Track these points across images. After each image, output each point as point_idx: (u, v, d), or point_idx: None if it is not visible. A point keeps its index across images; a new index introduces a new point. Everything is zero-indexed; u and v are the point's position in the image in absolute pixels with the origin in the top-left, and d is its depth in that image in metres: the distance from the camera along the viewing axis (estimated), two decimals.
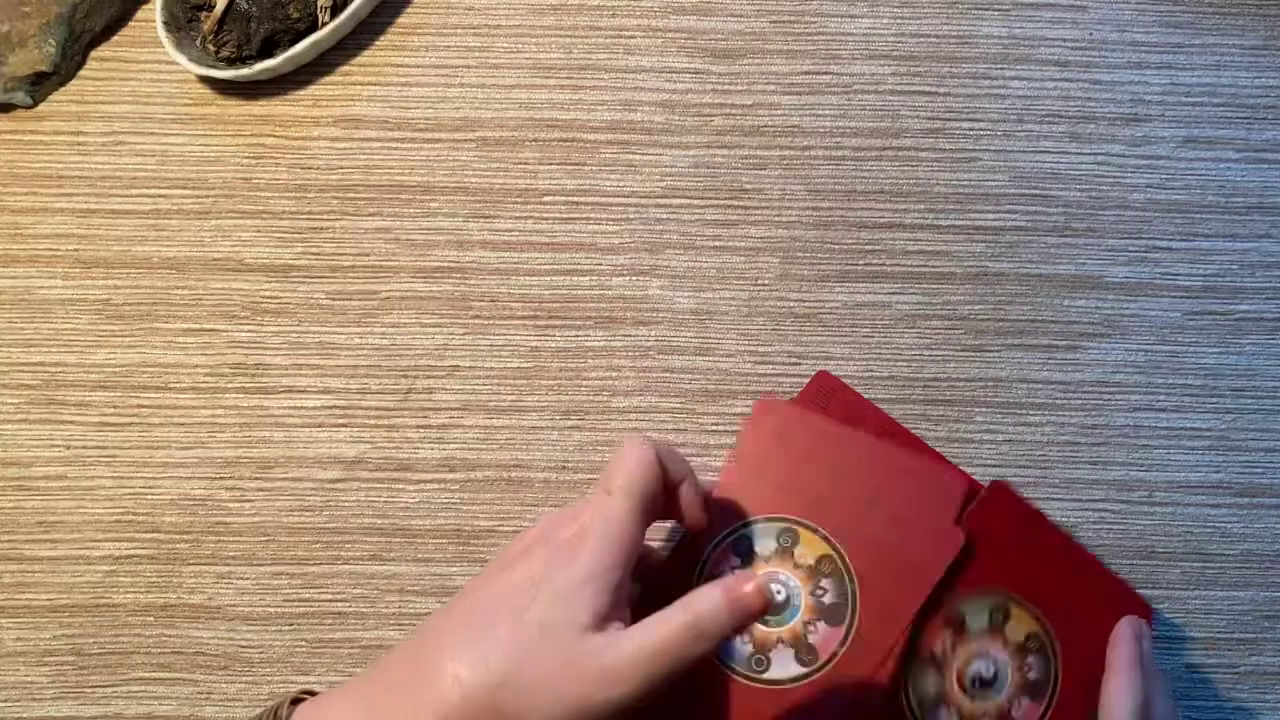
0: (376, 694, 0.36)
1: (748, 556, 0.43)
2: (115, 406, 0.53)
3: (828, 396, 0.48)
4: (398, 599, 0.51)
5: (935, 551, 0.41)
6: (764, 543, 0.43)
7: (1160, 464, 0.52)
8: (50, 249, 0.55)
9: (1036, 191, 0.56)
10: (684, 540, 0.44)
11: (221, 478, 0.52)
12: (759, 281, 0.55)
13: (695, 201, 0.56)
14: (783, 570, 0.42)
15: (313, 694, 0.38)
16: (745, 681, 0.40)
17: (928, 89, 0.57)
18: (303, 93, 0.58)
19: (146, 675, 0.50)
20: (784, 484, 0.43)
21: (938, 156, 0.56)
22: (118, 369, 0.54)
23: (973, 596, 0.41)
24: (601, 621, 0.35)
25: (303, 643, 0.50)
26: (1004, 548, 0.42)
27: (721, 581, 0.36)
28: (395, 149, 0.57)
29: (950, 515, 0.42)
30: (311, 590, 0.51)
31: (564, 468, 0.52)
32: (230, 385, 0.53)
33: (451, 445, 0.53)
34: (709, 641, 0.35)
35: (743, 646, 0.41)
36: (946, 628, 0.41)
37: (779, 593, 0.41)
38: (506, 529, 0.51)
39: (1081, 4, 0.59)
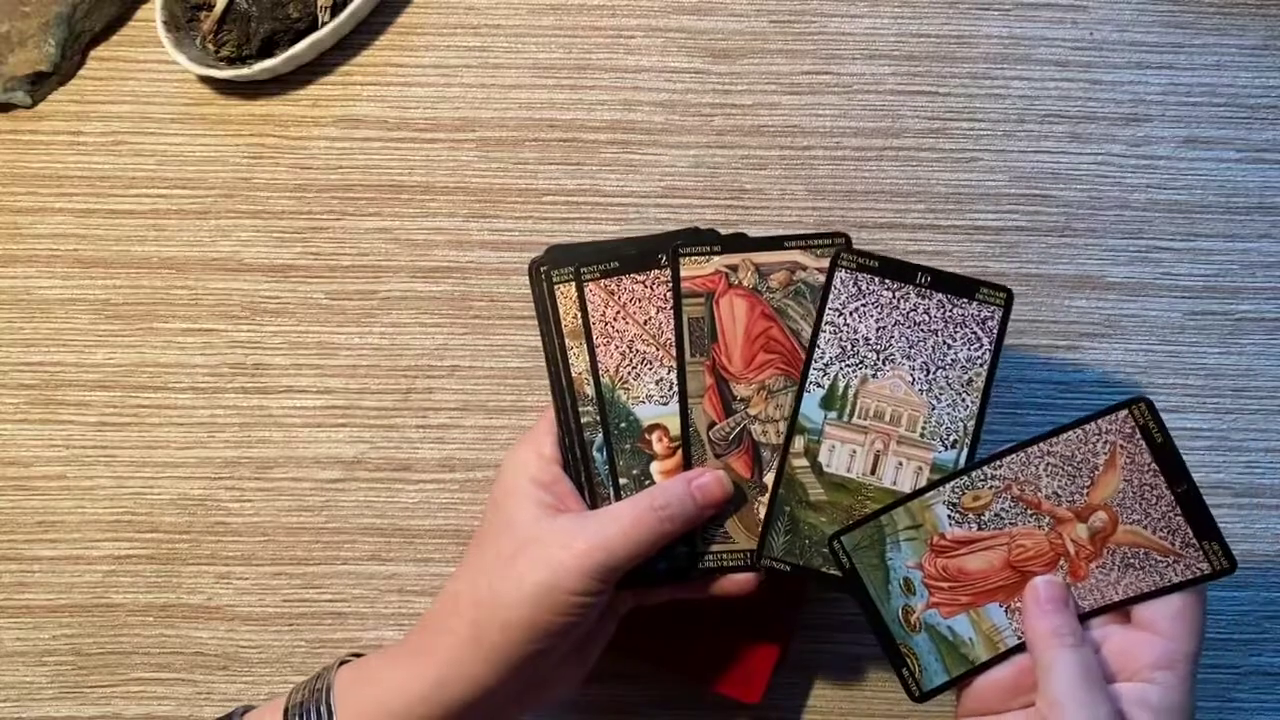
0: (409, 634, 0.41)
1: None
2: (115, 406, 0.53)
3: None
4: (397, 599, 0.51)
5: None
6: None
7: None
8: (50, 249, 0.55)
9: (1036, 191, 0.56)
10: None
11: (221, 478, 0.52)
12: None
13: (695, 201, 0.56)
14: None
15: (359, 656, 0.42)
16: None
17: (928, 89, 0.57)
18: (303, 93, 0.58)
19: (146, 675, 0.50)
20: None
21: (938, 156, 0.56)
22: (117, 369, 0.54)
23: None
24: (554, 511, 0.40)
25: (302, 643, 0.50)
26: None
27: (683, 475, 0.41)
28: (395, 149, 0.57)
29: None
30: (311, 590, 0.51)
31: None
32: (230, 385, 0.53)
33: (451, 445, 0.53)
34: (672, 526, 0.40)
35: None
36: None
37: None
38: None
39: (1081, 4, 0.59)
